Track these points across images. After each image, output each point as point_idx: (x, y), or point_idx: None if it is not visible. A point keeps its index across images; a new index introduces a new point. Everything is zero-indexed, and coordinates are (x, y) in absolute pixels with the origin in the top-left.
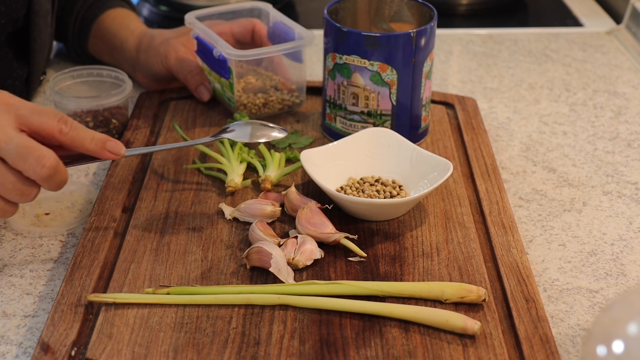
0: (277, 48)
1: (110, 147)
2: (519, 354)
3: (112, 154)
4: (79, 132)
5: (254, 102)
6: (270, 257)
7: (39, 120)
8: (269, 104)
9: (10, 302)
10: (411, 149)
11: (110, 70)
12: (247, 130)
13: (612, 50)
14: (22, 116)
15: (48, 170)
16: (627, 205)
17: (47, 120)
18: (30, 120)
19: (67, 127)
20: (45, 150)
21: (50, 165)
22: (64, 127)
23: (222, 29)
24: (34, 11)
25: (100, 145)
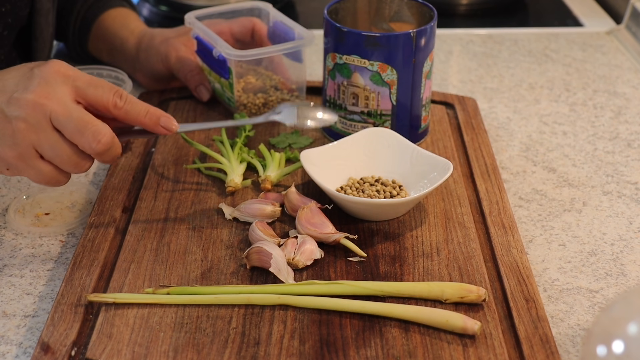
0: (276, 48)
1: (163, 122)
2: (519, 354)
3: (164, 129)
4: (133, 106)
5: (254, 102)
6: (270, 257)
7: (95, 93)
8: (269, 104)
9: (10, 302)
10: (411, 149)
11: (110, 70)
12: (293, 112)
13: (612, 50)
14: (79, 88)
15: (103, 146)
16: (627, 205)
17: (103, 94)
18: (87, 93)
19: (122, 101)
20: (101, 125)
21: (105, 141)
22: (118, 100)
23: (222, 29)
24: (35, 10)
25: (154, 120)
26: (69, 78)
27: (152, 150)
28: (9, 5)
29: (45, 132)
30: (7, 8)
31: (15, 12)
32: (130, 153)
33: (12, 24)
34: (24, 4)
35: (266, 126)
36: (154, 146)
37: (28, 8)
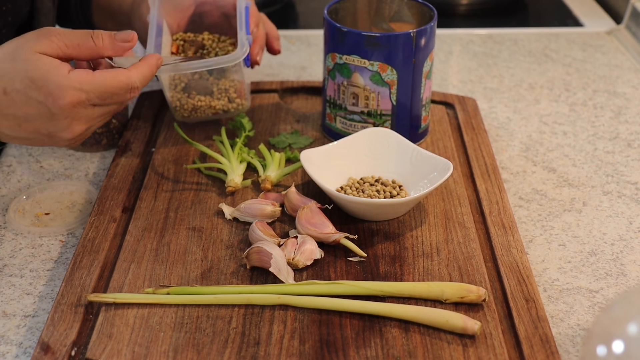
0: (200, 64)
1: (119, 37)
2: (519, 354)
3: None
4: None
5: (184, 106)
6: (270, 257)
7: (115, 102)
8: (199, 109)
9: (10, 302)
10: (411, 149)
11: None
12: None
13: (612, 50)
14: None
15: (137, 91)
16: (627, 205)
17: (121, 99)
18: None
19: (138, 90)
20: (123, 77)
21: (137, 87)
22: (135, 92)
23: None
24: (36, 9)
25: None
26: (85, 102)
27: (152, 150)
28: (10, 4)
29: (94, 124)
30: (8, 7)
31: (16, 10)
32: (130, 153)
33: (12, 23)
34: (25, 2)
35: (266, 126)
36: (154, 146)
37: (28, 6)
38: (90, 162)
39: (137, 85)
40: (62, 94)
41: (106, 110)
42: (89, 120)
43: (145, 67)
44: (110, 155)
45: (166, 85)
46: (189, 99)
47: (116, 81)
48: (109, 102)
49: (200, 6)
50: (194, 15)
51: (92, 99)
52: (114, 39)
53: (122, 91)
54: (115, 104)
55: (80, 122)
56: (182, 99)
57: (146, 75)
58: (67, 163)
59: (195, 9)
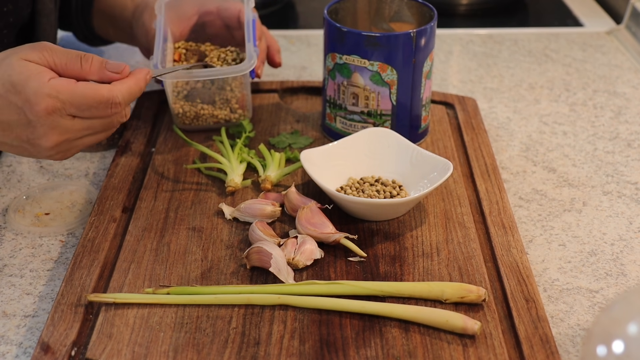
0: (207, 73)
1: (110, 67)
2: (519, 354)
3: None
4: (131, 100)
5: (186, 114)
6: (270, 257)
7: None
8: (200, 117)
9: (10, 302)
10: (411, 149)
11: None
12: None
13: (612, 50)
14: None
15: (120, 107)
16: (627, 205)
17: (100, 114)
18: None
19: (122, 106)
20: (104, 91)
21: (120, 102)
22: (118, 108)
23: (209, 9)
24: (37, 11)
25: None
26: (61, 111)
27: (152, 150)
28: (11, 5)
29: (80, 144)
30: (9, 8)
31: (17, 12)
32: (130, 153)
33: (13, 24)
34: (26, 4)
35: (266, 126)
36: (154, 146)
37: (30, 8)
38: (90, 162)
39: (119, 100)
40: (38, 100)
41: (88, 124)
42: (67, 131)
43: (131, 82)
44: (110, 155)
45: (169, 92)
46: (192, 107)
47: (96, 94)
48: (89, 116)
49: (203, 16)
50: (196, 24)
51: (69, 108)
52: (104, 67)
53: (102, 105)
54: (98, 119)
55: (58, 132)
56: (185, 106)
57: (132, 90)
58: (67, 163)
59: (198, 18)
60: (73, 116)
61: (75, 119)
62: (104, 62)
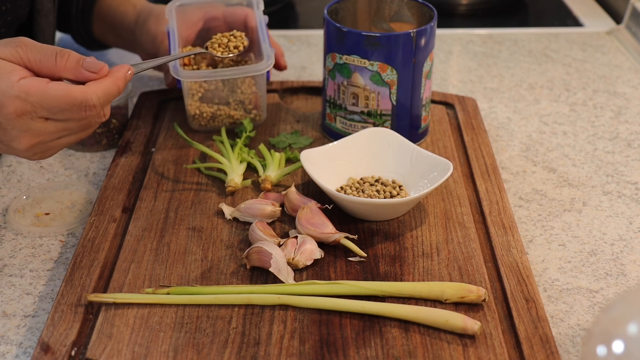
0: (227, 72)
1: (86, 65)
2: (519, 354)
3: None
4: (107, 101)
5: (203, 115)
6: (270, 257)
7: (65, 118)
8: (217, 117)
9: (10, 302)
10: (411, 149)
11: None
12: None
13: (612, 50)
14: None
15: (95, 109)
16: (627, 205)
17: (73, 116)
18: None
19: (98, 108)
20: (77, 93)
21: (94, 104)
22: (93, 110)
23: (216, 14)
24: (36, 10)
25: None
26: (32, 113)
27: (152, 150)
28: (9, 4)
29: (57, 145)
30: (7, 7)
31: (15, 10)
32: (130, 153)
33: (11, 23)
34: (24, 2)
35: (266, 126)
36: (154, 146)
37: (28, 7)
38: (90, 162)
39: (93, 103)
40: (6, 102)
41: (63, 126)
42: (40, 133)
43: (108, 82)
44: (110, 155)
45: (186, 94)
46: (208, 108)
47: (68, 96)
48: (62, 118)
49: (209, 22)
50: (201, 30)
51: (39, 111)
52: (80, 65)
53: (75, 108)
54: (73, 121)
55: (29, 135)
56: (202, 107)
57: (109, 91)
58: (67, 163)
59: (204, 24)
60: (45, 118)
61: (49, 121)
62: (81, 59)
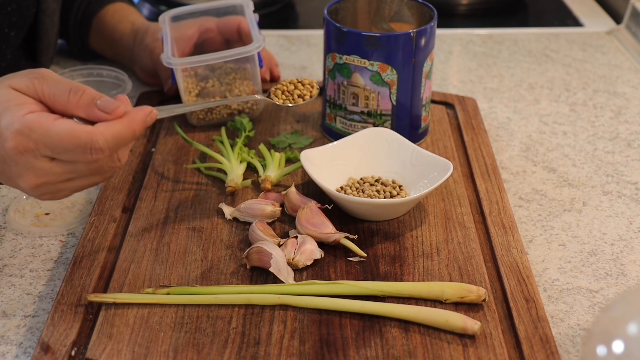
0: (216, 56)
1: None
2: (519, 354)
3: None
4: (117, 146)
5: None
6: (270, 257)
7: (70, 160)
8: (214, 110)
9: (10, 302)
10: (411, 149)
11: (110, 70)
12: None
13: (612, 50)
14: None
15: (103, 153)
16: (627, 205)
17: (78, 158)
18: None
19: (105, 152)
20: (82, 133)
21: (101, 147)
22: (100, 155)
23: (209, 26)
24: (41, 10)
25: None
26: (34, 151)
27: (152, 150)
28: (15, 4)
29: (66, 188)
30: (13, 7)
31: (20, 11)
32: (130, 153)
33: (17, 23)
34: (31, 3)
35: (266, 126)
36: (154, 146)
37: (34, 8)
38: None
39: (100, 146)
40: (8, 136)
41: (70, 168)
42: (46, 174)
43: (121, 125)
44: None
45: (182, 90)
46: (204, 101)
47: (72, 136)
48: (67, 159)
49: (204, 34)
50: (197, 43)
51: (42, 149)
52: (94, 103)
53: (79, 149)
54: (81, 164)
55: (34, 174)
56: (198, 100)
57: (121, 134)
58: None
59: (199, 37)
60: (51, 158)
61: (54, 162)
62: (96, 97)
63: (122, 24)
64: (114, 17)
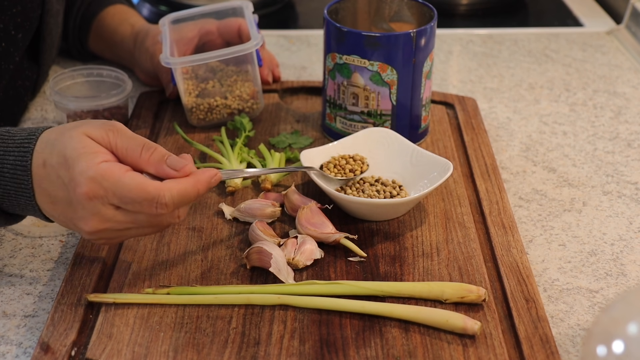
0: (216, 54)
1: (170, 162)
2: (519, 354)
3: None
4: (180, 204)
5: (199, 108)
6: (270, 257)
7: (136, 210)
8: (214, 109)
9: (10, 302)
10: (411, 149)
11: (110, 70)
12: None
13: (612, 50)
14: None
15: (167, 208)
16: (627, 205)
17: (144, 210)
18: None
19: (170, 208)
20: (151, 188)
21: (166, 203)
22: (164, 209)
23: (210, 28)
24: (45, 10)
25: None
26: (103, 199)
27: None
28: (20, 6)
29: (125, 234)
30: (18, 9)
31: (26, 13)
32: None
33: (22, 24)
34: (36, 4)
35: (266, 126)
36: None
37: (40, 9)
38: None
39: (166, 201)
40: (81, 182)
41: (132, 218)
42: (108, 220)
43: (187, 184)
44: None
45: (182, 91)
46: (204, 100)
47: (140, 189)
48: (132, 210)
49: (204, 37)
50: (197, 46)
51: (111, 198)
52: (163, 160)
53: (146, 203)
54: (144, 215)
55: (98, 219)
56: (198, 100)
57: (186, 192)
58: None
59: (199, 40)
60: (116, 207)
61: (119, 210)
62: (166, 155)
63: (122, 27)
64: (114, 20)
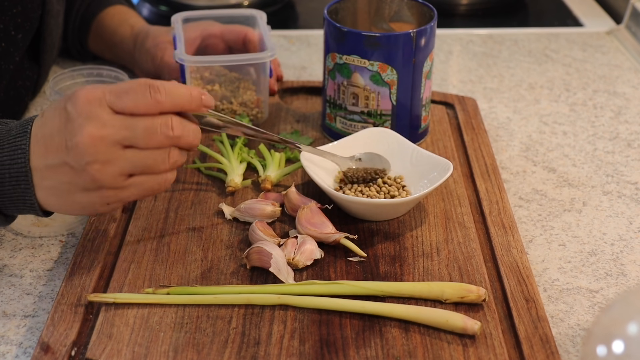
0: (229, 58)
1: (205, 101)
2: (519, 354)
3: (206, 107)
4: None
5: None
6: (270, 257)
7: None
8: (220, 112)
9: (10, 302)
10: (411, 148)
11: (110, 70)
12: None
13: (612, 50)
14: (114, 103)
15: (178, 130)
16: (627, 205)
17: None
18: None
19: (162, 95)
20: (164, 117)
21: (177, 124)
22: (158, 96)
23: (214, 31)
24: (46, 11)
25: (197, 103)
26: (101, 100)
27: None
28: (20, 7)
29: (120, 158)
30: (18, 9)
31: (26, 13)
32: None
33: (22, 25)
34: (36, 5)
35: (266, 126)
36: None
37: (40, 10)
38: None
39: (158, 85)
40: (78, 91)
41: (129, 124)
42: (104, 125)
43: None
44: None
45: None
46: None
47: (133, 81)
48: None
49: (206, 39)
50: (199, 47)
51: (108, 96)
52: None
53: (140, 87)
54: (140, 122)
55: (93, 125)
56: None
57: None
58: None
59: (201, 42)
60: (113, 111)
61: (116, 115)
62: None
63: (122, 27)
64: (113, 20)
